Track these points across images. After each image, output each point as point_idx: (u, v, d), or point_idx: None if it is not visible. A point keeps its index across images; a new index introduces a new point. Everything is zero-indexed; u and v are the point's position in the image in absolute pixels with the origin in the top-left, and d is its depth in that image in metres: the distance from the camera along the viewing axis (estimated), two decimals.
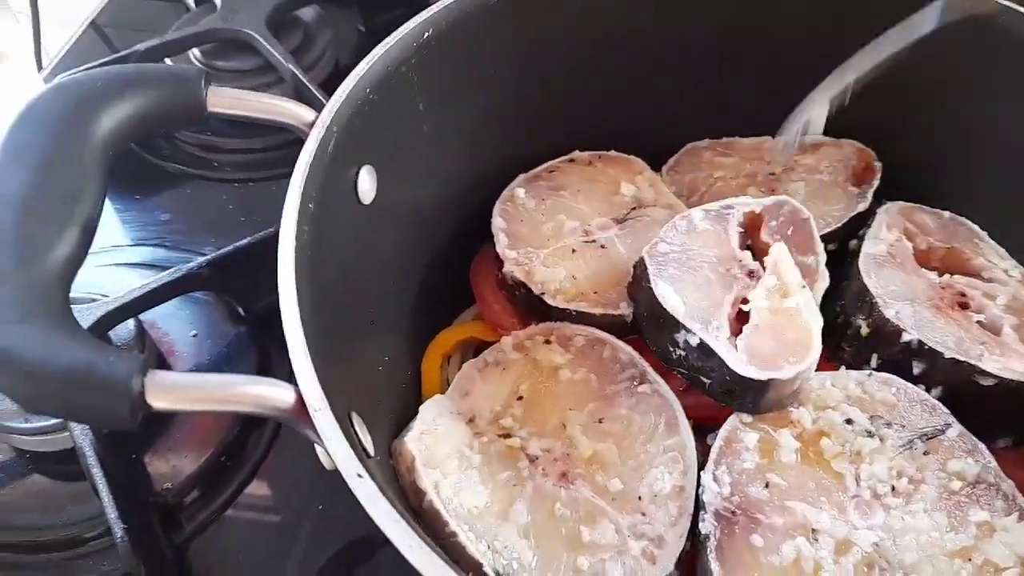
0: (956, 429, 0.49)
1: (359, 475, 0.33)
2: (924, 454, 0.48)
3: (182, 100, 0.42)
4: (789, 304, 0.49)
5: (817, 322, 0.48)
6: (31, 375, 0.31)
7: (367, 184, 0.50)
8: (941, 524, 0.45)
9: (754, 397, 0.48)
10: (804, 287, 0.50)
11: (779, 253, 0.51)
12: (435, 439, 0.49)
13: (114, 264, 0.76)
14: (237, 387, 0.34)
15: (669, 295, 0.50)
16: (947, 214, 0.60)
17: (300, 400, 0.35)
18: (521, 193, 0.63)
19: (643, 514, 0.47)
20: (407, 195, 0.55)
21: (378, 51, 0.49)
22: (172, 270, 0.67)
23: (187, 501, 0.61)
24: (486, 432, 0.51)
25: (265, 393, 0.35)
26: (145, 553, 0.54)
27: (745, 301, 0.50)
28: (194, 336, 0.71)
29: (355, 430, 0.37)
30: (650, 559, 0.45)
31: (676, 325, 0.50)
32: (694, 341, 0.49)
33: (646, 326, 0.53)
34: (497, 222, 0.61)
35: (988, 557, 0.44)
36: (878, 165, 0.63)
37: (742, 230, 0.55)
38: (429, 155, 0.56)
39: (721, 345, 0.48)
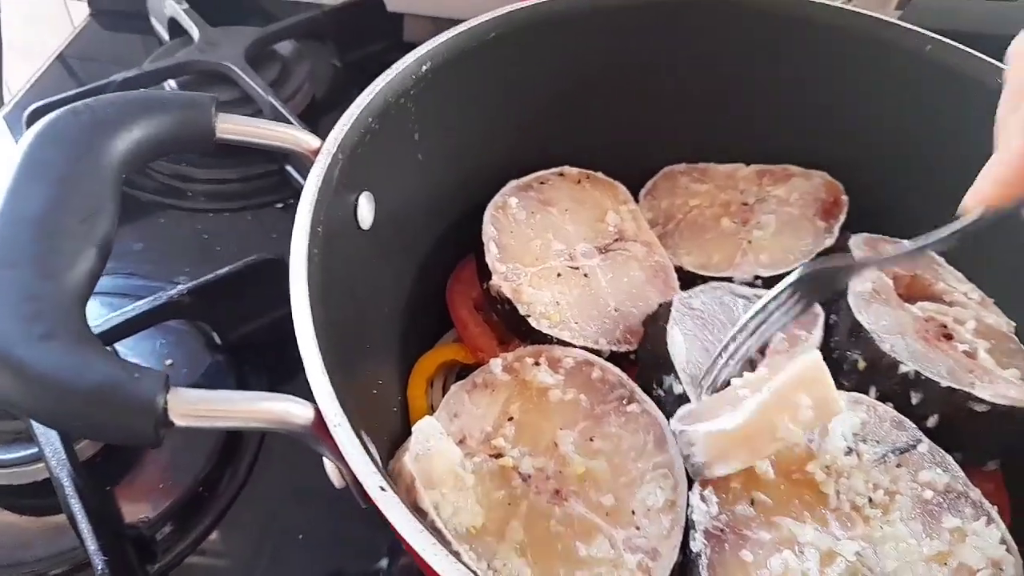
0: (925, 444, 0.52)
1: (382, 488, 0.33)
2: (897, 467, 0.50)
3: (193, 125, 0.42)
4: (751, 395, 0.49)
5: (752, 416, 0.47)
6: (58, 393, 0.31)
7: (366, 210, 0.51)
8: (917, 531, 0.48)
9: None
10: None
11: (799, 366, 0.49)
12: (429, 460, 0.49)
13: None
14: (258, 403, 0.35)
15: (678, 343, 0.53)
16: (907, 243, 0.64)
17: (319, 416, 0.35)
18: (513, 202, 0.64)
19: (637, 528, 0.48)
20: (401, 220, 0.56)
21: (379, 82, 0.51)
22: (152, 297, 0.66)
23: (163, 532, 0.60)
24: (477, 452, 0.52)
25: (286, 409, 0.35)
26: None
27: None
28: (170, 365, 0.70)
29: (367, 448, 0.37)
30: (645, 571, 0.47)
31: (670, 370, 0.52)
32: (677, 390, 0.52)
33: (643, 356, 0.55)
34: (489, 230, 0.61)
35: (962, 560, 0.47)
36: (845, 199, 0.66)
37: None
38: (422, 182, 0.58)
39: (693, 394, 0.51)
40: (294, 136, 0.46)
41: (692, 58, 0.67)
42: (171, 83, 0.88)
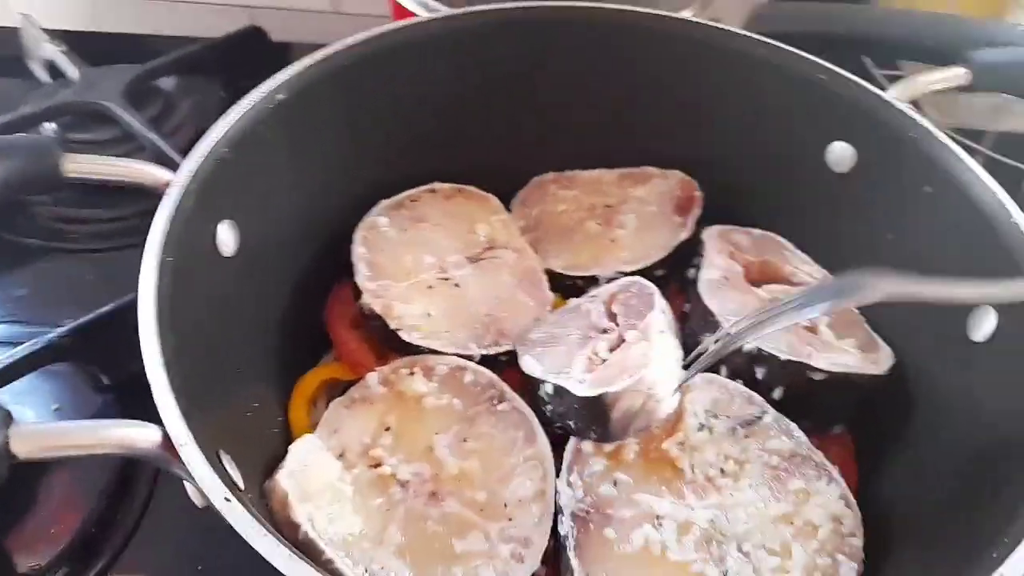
0: (771, 415, 0.56)
1: (227, 499, 0.35)
2: (745, 437, 0.54)
3: (38, 168, 0.44)
4: (634, 346, 0.54)
5: (661, 354, 0.52)
6: None
7: (227, 237, 0.52)
8: (765, 496, 0.52)
9: (603, 421, 0.52)
10: (663, 333, 0.54)
11: (651, 318, 0.55)
12: (306, 476, 0.51)
13: None
14: (101, 430, 0.36)
15: (531, 364, 0.57)
16: (757, 231, 0.68)
17: (166, 437, 0.37)
18: (383, 221, 0.65)
19: (509, 519, 0.51)
20: (270, 244, 0.58)
21: (233, 112, 0.52)
22: (30, 342, 0.65)
23: None
24: (357, 464, 0.54)
25: (130, 434, 0.37)
26: None
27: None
28: (56, 410, 0.69)
29: (223, 466, 0.39)
30: (518, 559, 0.49)
31: (537, 382, 0.55)
32: (549, 389, 0.54)
33: (527, 400, 0.58)
34: (359, 251, 0.63)
35: (807, 518, 0.51)
36: (699, 195, 0.70)
37: (602, 307, 0.60)
38: (291, 206, 0.60)
39: (568, 382, 0.53)
40: (143, 171, 0.48)
41: (553, 73, 0.71)
42: (51, 126, 0.87)
